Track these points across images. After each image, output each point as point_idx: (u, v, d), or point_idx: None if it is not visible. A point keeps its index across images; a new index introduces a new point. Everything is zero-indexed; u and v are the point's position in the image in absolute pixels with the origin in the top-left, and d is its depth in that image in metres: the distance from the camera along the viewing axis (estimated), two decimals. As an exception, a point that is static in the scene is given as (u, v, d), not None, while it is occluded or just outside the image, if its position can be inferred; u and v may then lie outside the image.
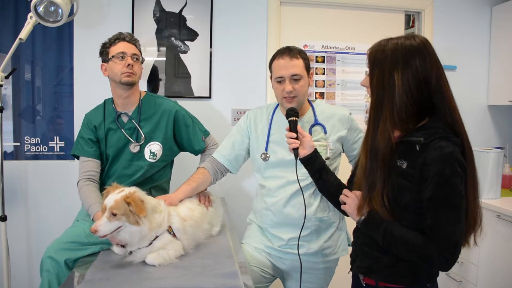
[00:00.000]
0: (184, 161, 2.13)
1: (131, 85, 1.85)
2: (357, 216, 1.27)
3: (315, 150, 1.53)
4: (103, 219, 1.38)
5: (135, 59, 1.85)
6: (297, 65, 1.67)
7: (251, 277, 1.44)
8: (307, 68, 1.72)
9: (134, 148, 1.88)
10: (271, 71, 1.76)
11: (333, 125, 1.75)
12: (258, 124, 1.83)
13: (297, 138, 1.53)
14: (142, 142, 1.89)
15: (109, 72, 1.85)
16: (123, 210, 1.38)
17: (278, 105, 1.84)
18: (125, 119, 1.91)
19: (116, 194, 1.42)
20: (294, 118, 1.56)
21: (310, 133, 1.73)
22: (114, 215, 1.38)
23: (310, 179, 1.63)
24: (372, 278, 1.28)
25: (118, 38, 1.85)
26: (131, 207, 1.39)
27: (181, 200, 1.71)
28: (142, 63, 1.91)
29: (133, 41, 1.88)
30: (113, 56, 1.82)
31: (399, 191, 1.18)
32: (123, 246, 1.49)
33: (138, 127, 1.89)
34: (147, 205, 1.43)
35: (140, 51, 1.91)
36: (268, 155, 1.76)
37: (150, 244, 1.46)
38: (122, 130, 1.88)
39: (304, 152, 1.52)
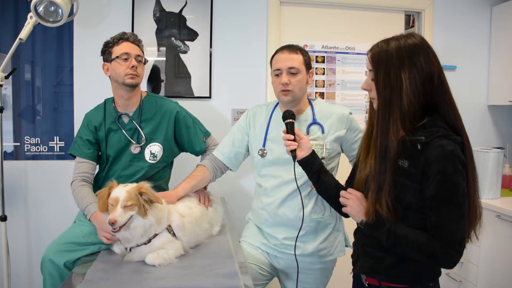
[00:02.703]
0: (184, 161, 2.13)
1: (134, 86, 1.85)
2: (360, 218, 1.27)
3: (313, 151, 1.53)
4: (119, 209, 1.39)
5: (138, 61, 1.83)
6: (295, 59, 1.70)
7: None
8: (306, 65, 1.74)
9: (134, 149, 1.88)
10: (271, 68, 1.77)
11: (331, 124, 1.75)
12: (257, 121, 1.84)
13: (294, 140, 1.53)
14: (142, 143, 1.89)
15: (112, 72, 1.83)
16: (136, 201, 1.41)
17: (278, 103, 1.84)
18: (125, 119, 1.91)
19: (125, 187, 1.45)
20: (290, 120, 1.56)
21: (308, 132, 1.73)
22: (128, 206, 1.40)
23: (305, 179, 1.63)
24: (375, 278, 1.28)
25: (122, 38, 1.82)
26: (144, 196, 1.43)
27: (180, 198, 1.72)
28: (144, 64, 1.90)
29: (137, 41, 1.86)
30: (117, 57, 1.80)
31: (402, 191, 1.18)
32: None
33: (138, 128, 1.89)
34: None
35: (143, 52, 1.90)
36: (265, 151, 1.77)
37: (149, 242, 1.46)
38: (123, 130, 1.88)
39: (302, 154, 1.51)
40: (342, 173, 1.70)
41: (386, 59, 1.18)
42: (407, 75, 1.15)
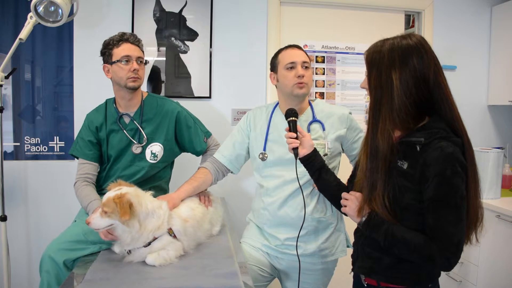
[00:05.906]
0: (184, 161, 2.13)
1: (136, 89, 1.85)
2: (358, 218, 1.27)
3: (315, 149, 1.54)
4: (96, 213, 1.41)
5: (139, 62, 1.83)
6: (306, 56, 1.76)
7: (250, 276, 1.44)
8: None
9: (136, 149, 1.88)
10: (276, 64, 1.77)
11: (332, 123, 1.76)
12: (257, 124, 1.84)
13: (296, 138, 1.54)
14: (144, 143, 1.89)
15: (113, 75, 1.83)
16: (112, 209, 1.39)
17: (277, 104, 1.84)
18: (127, 120, 1.91)
19: (112, 192, 1.44)
20: (293, 118, 1.56)
21: (308, 130, 1.74)
22: (105, 212, 1.39)
23: (307, 178, 1.63)
24: (374, 279, 1.27)
25: (121, 39, 1.81)
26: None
27: (182, 200, 1.71)
28: (145, 65, 1.90)
29: (137, 42, 1.85)
30: (118, 61, 1.79)
31: (400, 192, 1.17)
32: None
33: (140, 128, 1.89)
34: (136, 209, 1.41)
35: (143, 52, 1.89)
36: (266, 155, 1.77)
37: (149, 244, 1.46)
38: (124, 131, 1.88)
39: (304, 151, 1.52)
40: (342, 173, 1.70)
41: (379, 59, 1.19)
42: (398, 75, 1.15)
